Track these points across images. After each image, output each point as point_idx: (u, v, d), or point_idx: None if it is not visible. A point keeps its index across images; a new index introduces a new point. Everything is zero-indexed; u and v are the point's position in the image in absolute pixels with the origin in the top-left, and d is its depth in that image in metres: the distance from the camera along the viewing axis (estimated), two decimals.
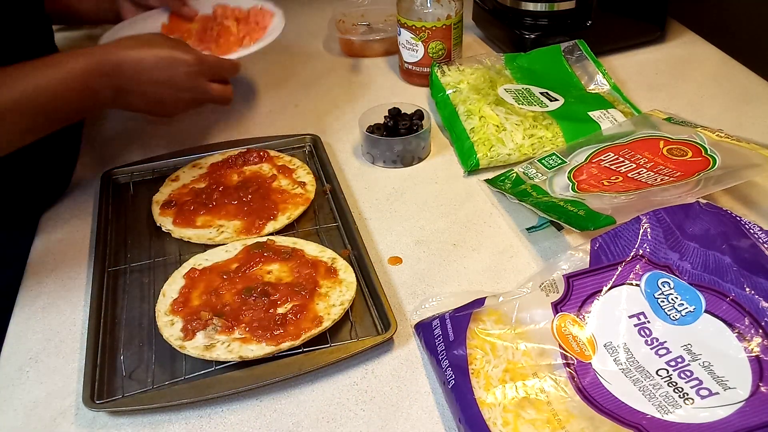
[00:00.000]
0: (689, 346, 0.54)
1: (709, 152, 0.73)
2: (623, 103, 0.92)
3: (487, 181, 0.82)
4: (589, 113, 0.87)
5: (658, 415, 0.51)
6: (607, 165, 0.76)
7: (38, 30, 0.78)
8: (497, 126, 0.85)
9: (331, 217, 0.78)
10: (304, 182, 0.81)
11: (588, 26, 1.02)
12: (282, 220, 0.75)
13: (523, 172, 0.80)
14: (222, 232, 0.74)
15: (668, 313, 0.56)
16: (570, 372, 0.55)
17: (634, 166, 0.75)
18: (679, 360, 0.54)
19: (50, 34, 0.83)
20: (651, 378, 0.53)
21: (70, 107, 0.69)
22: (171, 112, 0.79)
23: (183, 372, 0.60)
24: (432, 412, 0.57)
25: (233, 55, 0.86)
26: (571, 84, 0.95)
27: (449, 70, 0.96)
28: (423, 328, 0.62)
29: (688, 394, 0.52)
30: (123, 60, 0.70)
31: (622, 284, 0.59)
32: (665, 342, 0.55)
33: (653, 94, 0.97)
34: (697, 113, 0.92)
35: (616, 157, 0.77)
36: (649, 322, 0.57)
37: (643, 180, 0.72)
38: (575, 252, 0.62)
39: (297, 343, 0.60)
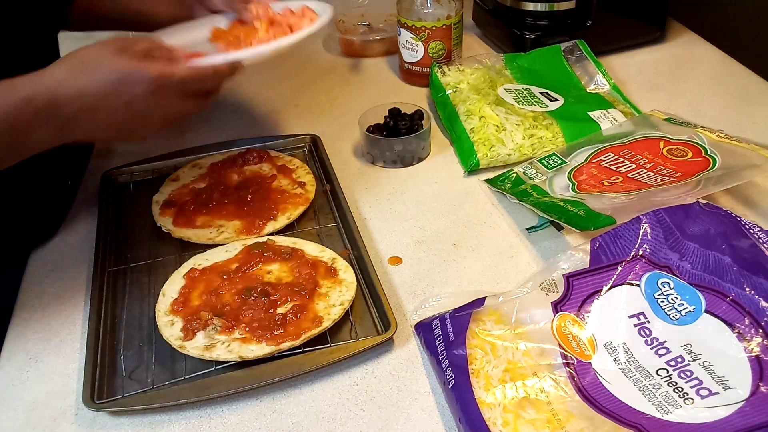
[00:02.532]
0: (689, 345, 0.54)
1: (709, 153, 0.73)
2: (623, 103, 0.92)
3: (487, 181, 0.82)
4: (589, 113, 0.87)
5: (658, 415, 0.51)
6: (607, 165, 0.76)
7: (42, 37, 0.76)
8: (497, 126, 0.85)
9: (331, 217, 0.78)
10: (303, 182, 0.81)
11: (588, 26, 1.02)
12: (282, 220, 0.75)
13: (523, 172, 0.80)
14: (222, 232, 0.74)
15: (668, 313, 0.56)
16: (570, 372, 0.55)
17: (634, 166, 0.75)
18: (679, 360, 0.54)
19: (54, 42, 0.81)
20: (651, 378, 0.53)
21: None
22: (142, 136, 0.66)
23: (183, 372, 0.60)
24: (432, 412, 0.57)
25: (238, 54, 0.70)
26: (571, 84, 0.95)
27: (449, 70, 0.96)
28: (423, 328, 0.62)
29: (688, 394, 0.52)
30: (58, 95, 0.57)
31: (622, 284, 0.59)
32: (665, 342, 0.55)
33: (653, 94, 0.97)
34: (697, 113, 0.92)
35: (616, 157, 0.77)
36: (649, 321, 0.57)
37: (643, 180, 0.72)
38: (575, 252, 0.62)
39: (297, 343, 0.60)
